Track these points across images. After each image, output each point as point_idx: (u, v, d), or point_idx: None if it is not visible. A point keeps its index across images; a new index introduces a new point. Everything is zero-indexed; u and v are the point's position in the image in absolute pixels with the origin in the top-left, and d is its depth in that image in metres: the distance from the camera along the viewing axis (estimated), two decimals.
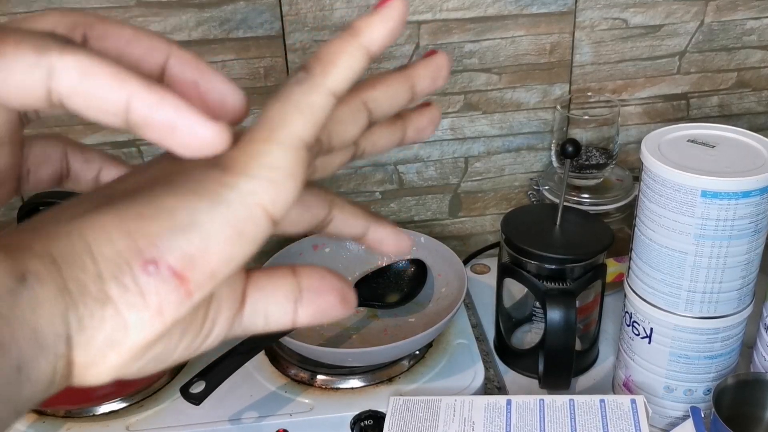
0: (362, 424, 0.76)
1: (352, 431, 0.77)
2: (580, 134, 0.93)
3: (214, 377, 0.72)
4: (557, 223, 0.83)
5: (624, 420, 0.68)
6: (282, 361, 0.82)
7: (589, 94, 0.99)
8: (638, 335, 0.75)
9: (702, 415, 0.70)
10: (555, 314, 0.76)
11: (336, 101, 0.26)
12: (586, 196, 0.92)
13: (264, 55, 0.90)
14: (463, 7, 0.92)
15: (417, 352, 0.83)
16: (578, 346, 0.84)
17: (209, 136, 0.24)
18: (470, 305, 0.96)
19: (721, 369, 0.74)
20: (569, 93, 0.99)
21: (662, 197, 0.68)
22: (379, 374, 0.81)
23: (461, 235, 1.06)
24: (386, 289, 0.89)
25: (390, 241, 0.33)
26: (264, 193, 0.25)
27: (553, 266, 0.80)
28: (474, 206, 1.05)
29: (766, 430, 0.73)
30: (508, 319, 0.91)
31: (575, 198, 0.92)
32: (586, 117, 0.95)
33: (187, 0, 0.86)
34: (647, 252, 0.72)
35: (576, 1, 0.94)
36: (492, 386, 0.85)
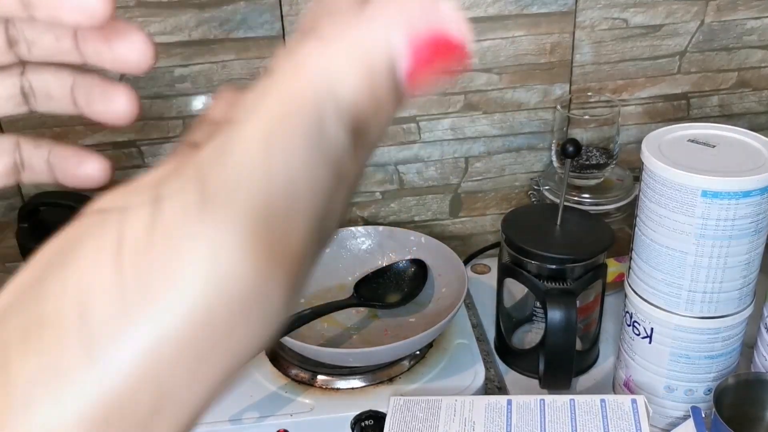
0: (363, 424, 0.76)
1: (353, 431, 0.76)
2: (581, 134, 0.93)
3: None
4: (558, 223, 0.83)
5: (625, 420, 0.68)
6: (282, 361, 0.82)
7: (590, 94, 0.99)
8: (639, 335, 0.75)
9: (703, 415, 0.70)
10: (555, 314, 0.76)
11: None
12: (587, 196, 0.92)
13: (264, 56, 0.90)
14: (463, 7, 0.92)
15: (417, 352, 0.83)
16: (579, 346, 0.84)
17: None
18: (471, 305, 0.96)
19: (722, 369, 0.74)
20: (569, 93, 0.99)
21: (663, 197, 0.68)
22: (380, 374, 0.81)
23: (462, 235, 1.06)
24: (386, 289, 0.89)
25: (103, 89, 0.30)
26: None
27: (554, 266, 0.80)
28: (474, 206, 1.05)
29: (767, 430, 0.73)
30: (509, 319, 0.91)
31: (576, 198, 0.92)
32: (587, 117, 0.95)
33: (187, 0, 0.86)
34: (648, 252, 0.71)
35: (576, 1, 0.94)
36: (492, 386, 0.85)
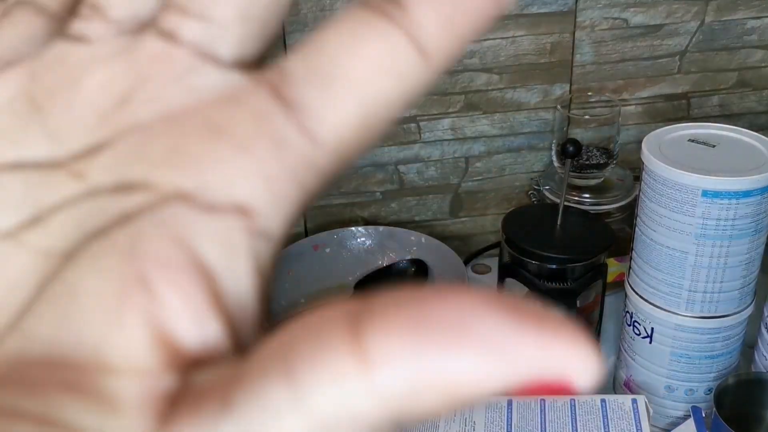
0: None
1: None
2: (581, 134, 0.93)
3: None
4: (558, 223, 0.83)
5: (625, 420, 0.68)
6: None
7: (590, 94, 0.99)
8: (639, 335, 0.75)
9: (703, 415, 0.70)
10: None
11: None
12: (587, 196, 0.92)
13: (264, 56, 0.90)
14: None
15: None
16: None
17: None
18: None
19: (722, 369, 0.74)
20: (570, 93, 0.99)
21: (663, 197, 0.68)
22: None
23: (462, 235, 1.06)
24: (387, 290, 0.89)
25: None
26: None
27: (554, 266, 0.80)
28: (475, 206, 1.05)
29: (767, 431, 0.73)
30: None
31: (576, 198, 0.92)
32: (587, 117, 0.95)
33: None
34: (648, 252, 0.71)
35: (576, 1, 0.94)
36: None
